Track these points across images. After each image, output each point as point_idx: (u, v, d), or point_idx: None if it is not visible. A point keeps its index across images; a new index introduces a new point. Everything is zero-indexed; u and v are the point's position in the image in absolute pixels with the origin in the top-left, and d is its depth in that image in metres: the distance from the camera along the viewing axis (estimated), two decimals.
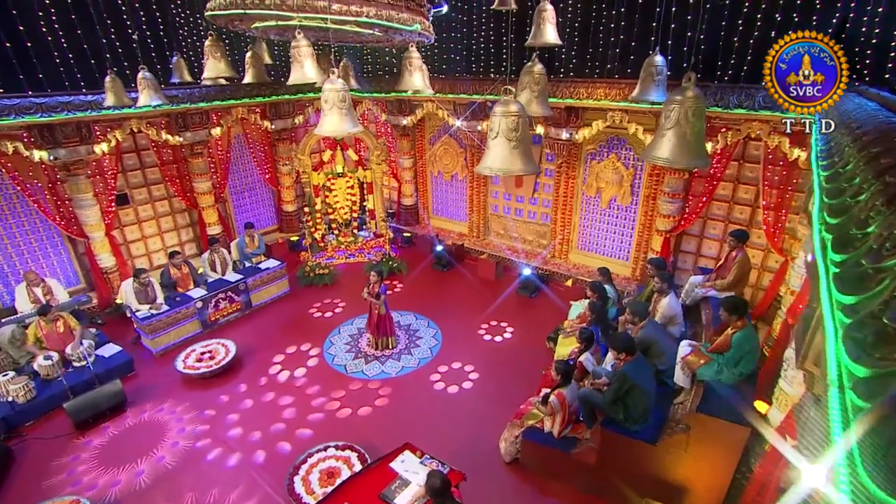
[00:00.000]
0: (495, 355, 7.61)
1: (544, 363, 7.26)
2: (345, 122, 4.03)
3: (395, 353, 7.69)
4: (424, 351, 7.76)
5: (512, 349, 7.78)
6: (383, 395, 6.72)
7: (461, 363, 7.35)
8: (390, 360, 7.53)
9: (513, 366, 7.35)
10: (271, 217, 11.87)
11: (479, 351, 7.73)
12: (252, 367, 7.45)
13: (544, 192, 10.13)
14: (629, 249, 9.37)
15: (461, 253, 10.89)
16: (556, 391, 5.34)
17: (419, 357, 7.61)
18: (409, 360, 7.52)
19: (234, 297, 8.61)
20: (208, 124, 9.53)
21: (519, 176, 10.22)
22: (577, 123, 8.74)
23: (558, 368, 5.31)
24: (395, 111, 10.95)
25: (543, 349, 7.77)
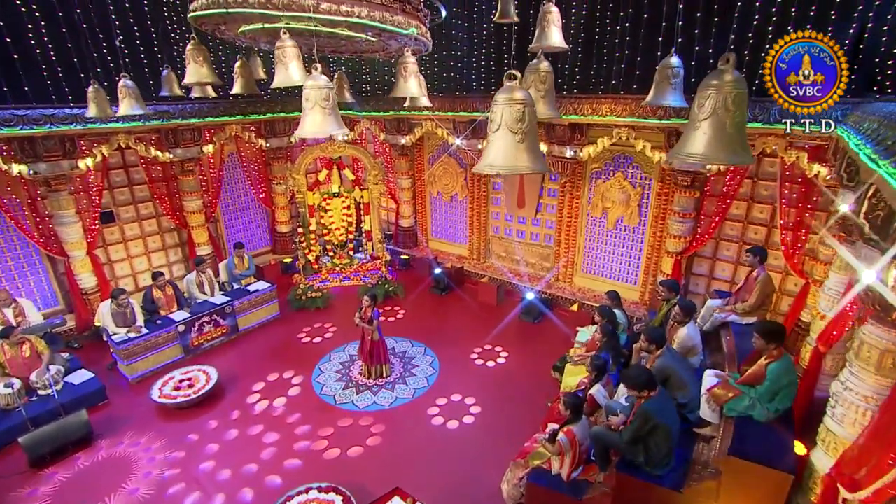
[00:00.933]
0: (497, 386, 6.99)
1: (550, 394, 6.66)
2: (328, 122, 3.57)
3: (389, 383, 7.09)
4: (420, 380, 7.15)
5: (515, 379, 7.18)
6: (376, 433, 6.07)
7: (461, 395, 6.73)
8: (383, 391, 6.92)
9: (516, 398, 6.73)
10: (265, 238, 11.40)
11: (480, 381, 7.12)
12: (234, 396, 6.85)
13: (547, 212, 9.66)
14: (637, 272, 8.84)
15: (460, 276, 10.37)
16: (564, 428, 4.73)
17: (414, 387, 7.00)
18: (403, 391, 6.91)
19: (220, 320, 8.05)
20: (200, 141, 9.15)
21: (521, 195, 9.81)
22: (581, 141, 8.33)
23: (567, 402, 4.72)
24: (393, 130, 10.60)
25: (549, 379, 7.16)
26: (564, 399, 4.78)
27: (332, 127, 3.58)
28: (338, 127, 3.61)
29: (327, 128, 3.56)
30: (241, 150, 10.31)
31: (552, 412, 5.75)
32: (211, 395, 6.73)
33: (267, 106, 9.94)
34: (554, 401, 5.95)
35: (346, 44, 5.77)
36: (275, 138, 10.36)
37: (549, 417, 5.75)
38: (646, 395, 4.18)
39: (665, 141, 7.46)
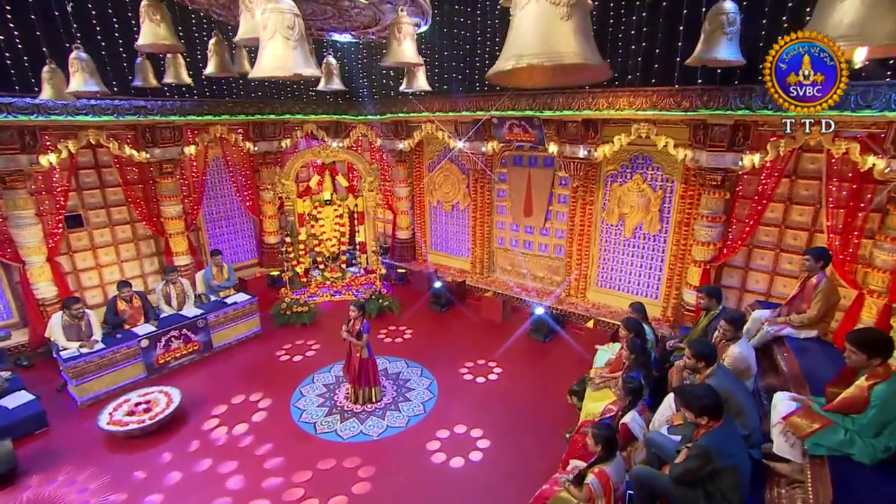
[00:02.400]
0: (507, 415, 5.92)
1: (567, 424, 5.60)
2: (292, 57, 2.66)
3: (379, 409, 6.02)
4: (415, 406, 6.09)
5: (526, 407, 6.10)
6: (364, 478, 4.91)
7: (465, 426, 5.65)
8: (372, 418, 5.85)
9: (530, 429, 5.66)
10: (251, 250, 10.45)
11: (486, 408, 6.05)
12: (196, 423, 5.78)
13: (557, 220, 8.73)
14: (658, 286, 7.84)
15: (462, 291, 9.37)
16: (595, 468, 3.69)
17: (409, 414, 5.94)
18: (395, 419, 5.84)
19: (191, 335, 7.03)
20: (181, 141, 8.30)
21: (529, 202, 8.89)
22: (595, 139, 7.46)
23: (598, 435, 3.69)
24: (390, 134, 9.78)
25: (565, 406, 6.10)
26: (594, 431, 3.74)
27: (299, 63, 2.67)
28: (305, 64, 2.70)
29: (291, 63, 2.65)
30: (227, 153, 9.46)
31: (574, 446, 4.68)
32: (171, 422, 5.67)
33: (255, 107, 9.14)
34: (575, 432, 4.88)
35: (332, 15, 4.90)
36: (263, 142, 9.53)
37: (571, 453, 4.68)
38: (707, 424, 3.14)
39: (690, 136, 6.60)
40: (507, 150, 8.95)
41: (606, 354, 6.32)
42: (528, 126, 7.82)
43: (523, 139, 8.06)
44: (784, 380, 4.35)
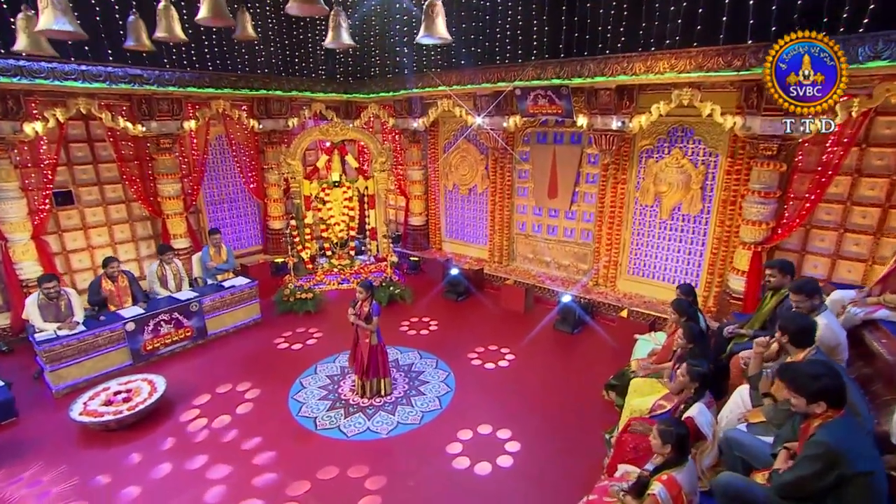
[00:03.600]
0: (537, 413, 5.10)
1: (606, 423, 4.80)
2: None
3: (389, 403, 5.25)
4: (430, 401, 5.31)
5: (558, 403, 5.29)
6: (373, 491, 4.08)
7: (491, 426, 4.83)
8: (381, 413, 5.08)
9: (564, 429, 4.85)
10: (255, 235, 9.76)
11: (512, 405, 5.25)
12: (180, 415, 5.06)
13: (585, 202, 7.92)
14: (699, 272, 6.99)
15: (480, 279, 8.58)
16: (662, 474, 2.88)
17: (422, 409, 5.16)
18: (407, 414, 5.07)
19: (184, 320, 6.33)
20: (181, 115, 7.65)
21: (554, 183, 8.09)
22: (630, 109, 6.66)
23: (668, 432, 2.89)
24: (404, 113, 9.06)
25: (601, 403, 5.30)
26: (662, 428, 2.94)
27: None
28: None
29: None
30: (231, 131, 8.80)
31: (622, 448, 3.87)
32: (153, 413, 4.96)
33: (260, 81, 8.47)
34: (622, 431, 4.07)
35: None
36: (269, 120, 8.85)
37: (618, 456, 3.87)
38: (824, 413, 2.33)
39: (741, 100, 5.77)
40: (529, 127, 8.17)
41: (648, 345, 5.50)
42: (555, 96, 7.04)
43: (549, 112, 7.27)
44: (883, 369, 3.50)
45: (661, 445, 2.95)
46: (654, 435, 2.98)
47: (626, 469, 3.67)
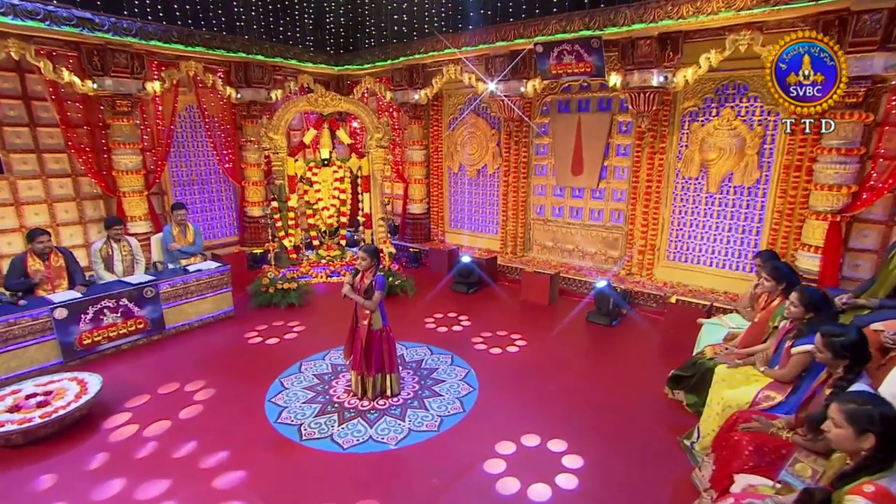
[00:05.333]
0: (587, 418, 3.96)
1: (676, 426, 3.75)
2: None
3: (396, 406, 4.11)
4: (449, 403, 4.18)
5: (612, 405, 4.18)
6: None
7: (538, 435, 3.68)
8: (387, 419, 3.93)
9: (628, 437, 3.74)
10: (230, 224, 8.59)
11: (554, 410, 4.12)
12: (119, 423, 3.84)
13: (615, 178, 6.97)
14: (756, 253, 6.01)
15: (493, 269, 7.53)
16: (863, 485, 1.81)
17: (441, 413, 4.03)
18: (421, 420, 3.93)
19: (134, 308, 5.13)
20: (142, 74, 6.57)
21: (578, 157, 7.13)
22: (674, 62, 5.79)
23: (872, 416, 1.82)
24: (404, 83, 8.10)
25: (662, 401, 4.23)
26: (853, 409, 1.88)
27: None
28: None
29: None
30: (203, 101, 7.72)
31: (735, 452, 2.79)
32: (80, 421, 3.75)
33: (240, 44, 7.47)
34: (727, 429, 2.99)
35: None
36: (248, 89, 7.80)
37: (729, 464, 2.78)
38: None
39: None
40: (549, 95, 7.26)
41: (719, 328, 4.47)
42: (584, 51, 6.14)
43: (576, 71, 6.35)
44: None
45: (856, 438, 1.89)
46: (842, 419, 1.93)
47: (750, 481, 2.60)
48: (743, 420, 2.97)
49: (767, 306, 3.80)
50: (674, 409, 4.13)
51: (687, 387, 4.16)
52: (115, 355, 4.99)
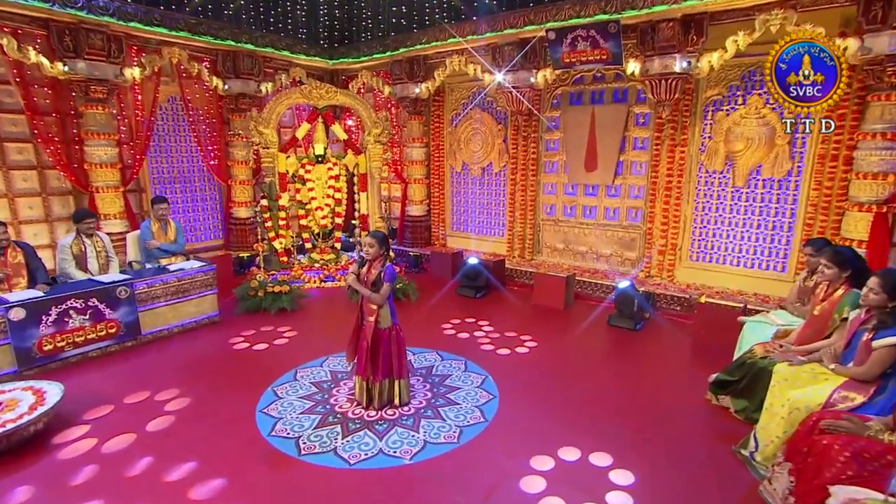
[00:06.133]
0: (627, 429, 3.53)
1: (726, 435, 3.38)
2: None
3: (407, 416, 3.67)
4: (469, 412, 3.75)
5: (649, 415, 3.76)
6: None
7: (578, 448, 3.24)
8: (398, 429, 3.49)
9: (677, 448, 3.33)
10: (214, 227, 8.11)
11: (588, 420, 3.69)
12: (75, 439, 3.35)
13: (632, 174, 6.68)
14: (787, 251, 5.74)
15: (501, 272, 7.15)
16: None
17: (458, 423, 3.59)
18: (438, 431, 3.50)
19: (105, 310, 4.64)
20: (120, 59, 6.19)
21: (592, 152, 6.85)
22: (697, 46, 5.56)
23: None
24: (403, 76, 7.80)
25: (705, 409, 3.86)
26: None
27: None
28: None
29: None
30: (188, 92, 7.34)
31: (826, 460, 2.40)
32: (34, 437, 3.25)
33: (228, 31, 7.14)
34: (808, 432, 2.60)
35: None
36: (237, 80, 7.45)
37: (820, 474, 2.39)
38: None
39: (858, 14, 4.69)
40: (560, 86, 7.00)
41: (762, 327, 4.13)
42: (600, 37, 5.90)
43: (591, 58, 6.10)
44: None
45: None
46: None
47: (853, 494, 2.21)
48: (821, 420, 2.59)
49: (829, 297, 3.46)
50: (720, 415, 3.75)
51: (734, 391, 3.79)
52: (81, 363, 4.48)
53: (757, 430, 3.22)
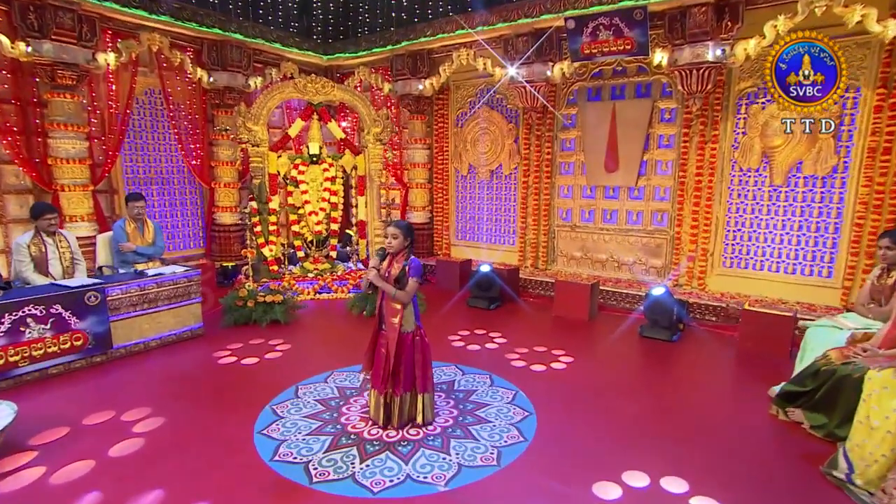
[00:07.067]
0: (692, 449, 3.16)
1: (805, 454, 3.10)
2: None
3: (433, 435, 3.26)
4: (504, 430, 3.36)
5: (711, 433, 3.41)
6: None
7: (646, 474, 2.84)
8: (424, 450, 3.08)
9: (756, 472, 2.99)
10: (196, 234, 7.65)
11: (644, 440, 3.31)
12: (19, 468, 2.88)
13: (657, 174, 6.47)
14: (833, 255, 5.51)
15: (515, 281, 6.82)
16: None
17: (494, 443, 3.20)
18: (473, 452, 3.10)
19: (71, 320, 4.17)
20: (93, 42, 5.84)
21: (613, 150, 6.64)
22: (732, 33, 5.41)
23: None
24: (406, 72, 7.57)
25: (774, 423, 3.54)
26: None
27: None
28: None
29: None
30: (169, 84, 6.98)
31: None
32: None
33: (215, 18, 6.85)
34: None
35: None
36: (224, 73, 7.13)
37: None
38: None
39: None
40: (577, 82, 6.82)
41: (831, 332, 3.83)
42: (625, 25, 5.75)
43: (614, 49, 5.94)
44: None
45: None
46: None
47: None
48: None
49: None
50: (793, 432, 3.42)
51: (807, 404, 3.47)
52: (39, 382, 3.98)
53: (848, 448, 2.89)
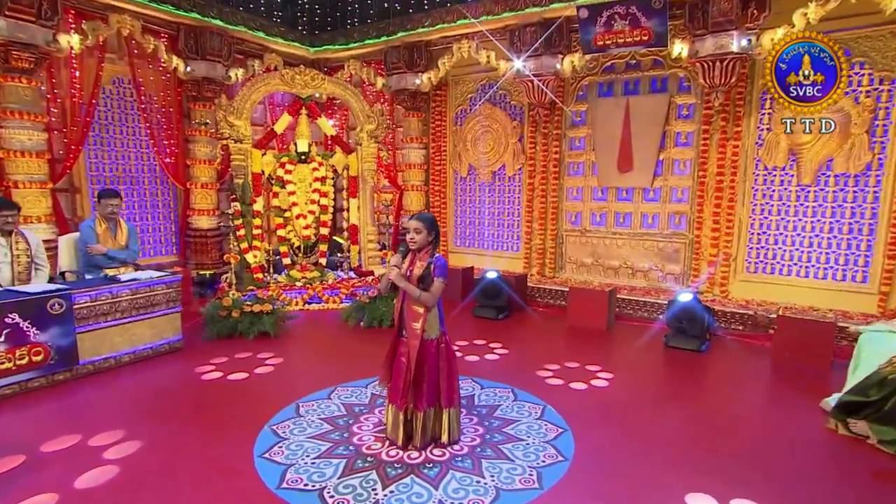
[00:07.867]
0: (749, 468, 2.95)
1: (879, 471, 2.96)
2: None
3: (461, 455, 2.99)
4: (539, 449, 3.11)
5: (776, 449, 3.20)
6: None
7: (711, 496, 2.60)
8: (454, 473, 2.81)
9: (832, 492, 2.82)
10: (168, 239, 7.24)
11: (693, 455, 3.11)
12: None
13: (674, 174, 6.36)
14: (868, 259, 5.43)
15: (523, 289, 6.61)
16: None
17: (531, 463, 2.95)
18: (508, 474, 2.84)
19: (30, 331, 3.79)
20: (54, 22, 5.47)
21: (627, 149, 6.53)
22: (759, 21, 5.35)
23: None
24: (401, 65, 7.37)
25: (833, 438, 3.38)
26: None
27: None
28: None
29: None
30: (140, 73, 6.64)
31: None
32: None
33: (194, 2, 6.57)
34: None
35: None
36: (202, 62, 6.81)
37: None
38: None
39: None
40: (588, 76, 6.72)
41: (890, 337, 3.70)
42: (642, 14, 5.66)
43: (629, 40, 5.84)
44: None
45: None
46: None
47: None
48: None
49: None
50: (858, 447, 3.24)
51: (873, 416, 3.30)
52: None
53: None
